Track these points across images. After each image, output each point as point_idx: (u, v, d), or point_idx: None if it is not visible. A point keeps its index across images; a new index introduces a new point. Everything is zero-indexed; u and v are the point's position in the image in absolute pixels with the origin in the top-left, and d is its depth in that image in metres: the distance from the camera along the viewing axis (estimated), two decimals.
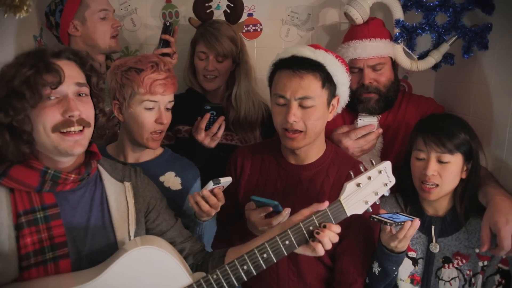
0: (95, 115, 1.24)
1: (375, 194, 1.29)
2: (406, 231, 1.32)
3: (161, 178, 1.60)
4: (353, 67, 1.87)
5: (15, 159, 1.13)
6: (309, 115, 1.43)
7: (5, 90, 1.10)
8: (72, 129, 1.13)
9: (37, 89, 1.10)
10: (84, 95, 1.18)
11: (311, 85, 1.42)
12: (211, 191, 1.40)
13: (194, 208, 1.42)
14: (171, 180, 1.61)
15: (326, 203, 1.25)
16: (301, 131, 1.44)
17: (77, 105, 1.14)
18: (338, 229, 1.24)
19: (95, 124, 1.24)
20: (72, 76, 1.15)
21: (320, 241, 1.21)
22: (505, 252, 1.38)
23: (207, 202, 1.40)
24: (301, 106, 1.43)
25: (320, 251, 1.22)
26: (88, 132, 1.18)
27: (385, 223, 1.31)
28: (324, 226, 1.22)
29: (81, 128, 1.15)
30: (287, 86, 1.42)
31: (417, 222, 1.32)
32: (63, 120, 1.12)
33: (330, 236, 1.22)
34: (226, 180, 1.40)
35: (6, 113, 1.09)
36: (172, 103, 1.57)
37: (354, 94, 1.80)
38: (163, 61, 1.55)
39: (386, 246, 1.38)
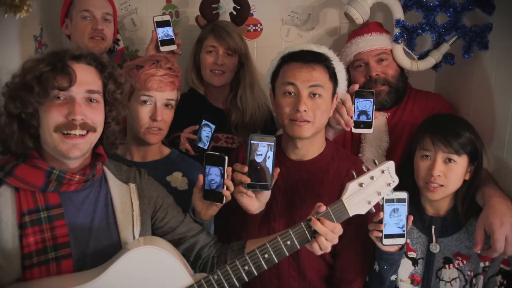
0: (107, 122, 1.25)
1: (378, 194, 1.29)
2: None
3: (168, 178, 1.61)
4: (358, 62, 1.89)
5: (18, 150, 1.16)
6: (318, 105, 1.45)
7: (20, 81, 1.14)
8: (72, 132, 1.14)
9: (46, 86, 1.13)
10: (95, 101, 1.19)
11: (321, 76, 1.46)
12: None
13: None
14: (178, 180, 1.62)
15: (324, 207, 1.26)
16: (309, 121, 1.44)
17: (83, 109, 1.16)
18: (339, 230, 1.25)
19: (105, 131, 1.26)
20: (84, 82, 1.17)
21: (317, 242, 1.23)
22: (498, 254, 1.38)
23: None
24: (311, 95, 1.44)
25: (316, 250, 1.24)
26: (92, 137, 1.19)
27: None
28: (318, 220, 1.24)
29: (84, 132, 1.16)
30: (297, 75, 1.44)
31: None
32: (66, 122, 1.14)
33: (329, 237, 1.23)
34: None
35: (15, 104, 1.13)
36: (172, 101, 1.57)
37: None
38: (168, 59, 1.56)
39: None
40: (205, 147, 1.72)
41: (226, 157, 1.34)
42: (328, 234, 1.24)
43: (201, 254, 1.38)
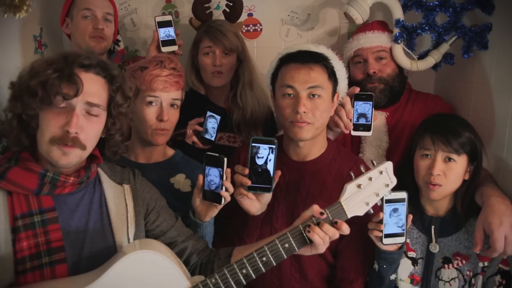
0: (111, 134, 1.24)
1: (376, 195, 1.28)
2: None
3: (172, 180, 1.61)
4: (358, 58, 1.90)
5: (13, 146, 1.16)
6: (318, 106, 1.44)
7: (25, 84, 1.13)
8: (66, 143, 1.12)
9: (50, 93, 1.10)
10: (95, 115, 1.17)
11: (320, 76, 1.45)
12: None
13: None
14: (182, 182, 1.62)
15: (320, 210, 1.24)
16: (309, 123, 1.44)
17: (80, 122, 1.13)
18: (335, 234, 1.24)
19: (108, 142, 1.25)
20: (88, 94, 1.14)
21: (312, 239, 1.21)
22: (497, 253, 1.38)
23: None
24: (310, 96, 1.44)
25: (320, 248, 1.22)
26: (81, 153, 1.16)
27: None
28: (318, 224, 1.23)
29: (73, 144, 1.13)
30: (295, 77, 1.44)
31: None
32: (61, 135, 1.12)
33: (329, 233, 1.22)
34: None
35: (16, 105, 1.13)
36: (178, 101, 1.57)
37: (359, 86, 1.78)
38: (171, 59, 1.56)
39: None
40: (212, 139, 1.72)
41: (225, 159, 1.34)
42: (326, 240, 1.23)
43: (189, 261, 1.37)
